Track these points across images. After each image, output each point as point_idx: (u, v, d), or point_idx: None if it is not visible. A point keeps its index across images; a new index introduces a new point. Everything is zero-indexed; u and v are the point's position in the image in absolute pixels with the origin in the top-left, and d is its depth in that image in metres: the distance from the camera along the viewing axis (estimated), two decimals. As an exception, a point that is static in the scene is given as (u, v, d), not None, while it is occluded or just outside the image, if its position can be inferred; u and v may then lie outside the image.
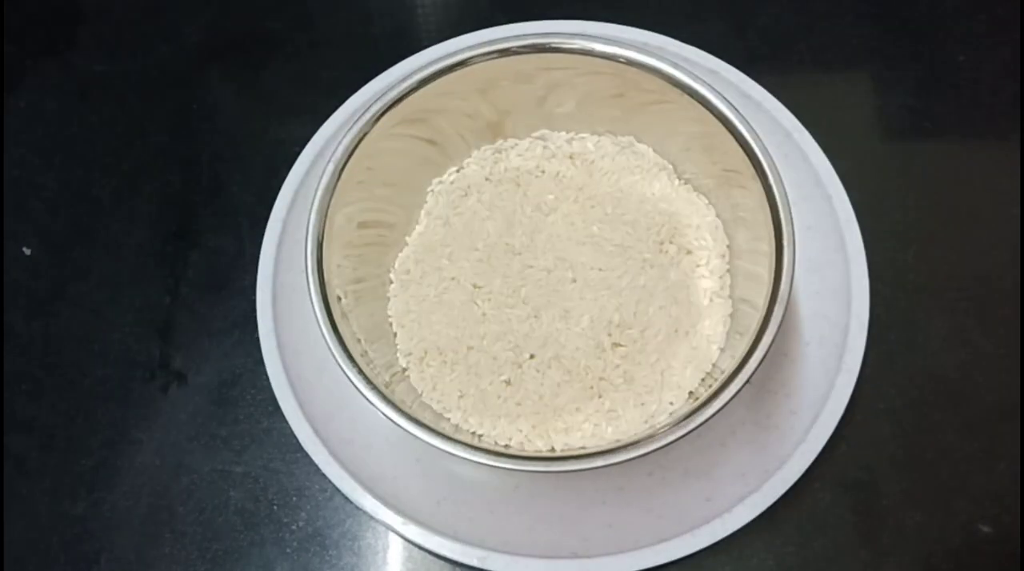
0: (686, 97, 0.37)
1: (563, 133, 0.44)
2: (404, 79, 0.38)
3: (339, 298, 0.36)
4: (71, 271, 0.47)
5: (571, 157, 0.43)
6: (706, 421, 0.32)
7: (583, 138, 0.43)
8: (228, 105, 0.51)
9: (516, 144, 0.44)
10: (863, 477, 0.40)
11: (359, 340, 0.36)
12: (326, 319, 0.34)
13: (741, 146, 0.36)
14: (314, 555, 0.41)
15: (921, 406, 0.41)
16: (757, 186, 0.36)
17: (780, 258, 0.34)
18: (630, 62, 0.37)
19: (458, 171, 0.44)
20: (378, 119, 0.37)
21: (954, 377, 0.42)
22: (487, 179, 0.43)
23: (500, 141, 0.44)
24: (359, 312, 0.38)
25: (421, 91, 0.38)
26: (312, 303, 0.35)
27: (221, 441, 0.43)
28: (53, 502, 0.42)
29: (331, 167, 0.36)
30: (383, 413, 0.33)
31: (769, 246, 0.35)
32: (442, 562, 0.40)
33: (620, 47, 0.37)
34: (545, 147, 0.43)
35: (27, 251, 0.48)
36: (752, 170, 0.36)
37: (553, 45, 0.38)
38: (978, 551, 0.38)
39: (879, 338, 0.42)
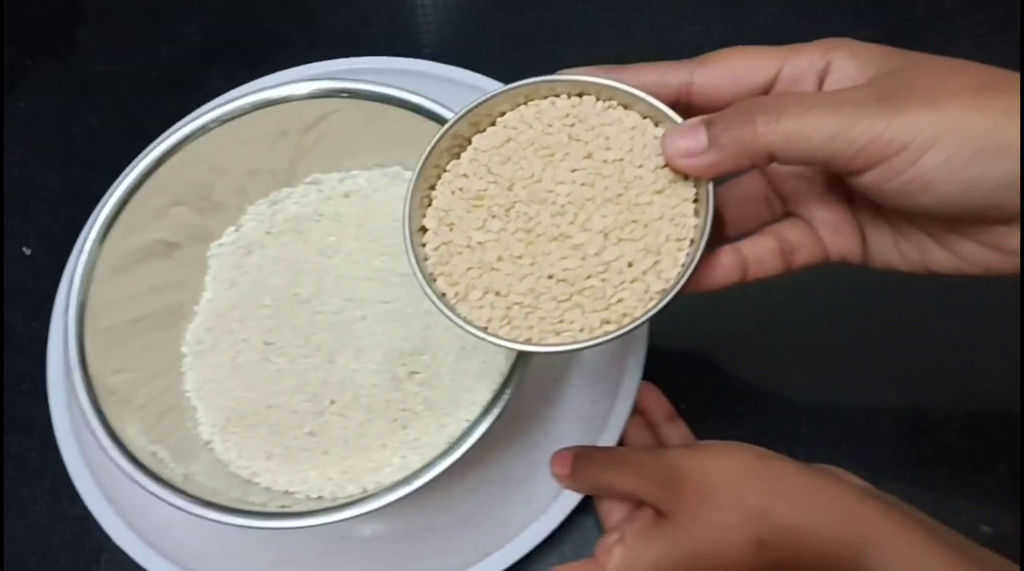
0: (420, 117, 0.37)
1: (335, 174, 0.43)
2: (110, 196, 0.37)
3: (114, 393, 0.35)
4: (71, 271, 0.47)
5: (346, 195, 0.42)
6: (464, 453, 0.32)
7: (354, 175, 0.42)
8: (228, 105, 0.51)
9: (290, 193, 0.42)
10: (862, 477, 0.40)
11: (155, 425, 0.35)
12: (104, 432, 0.33)
13: None
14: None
15: (921, 406, 0.41)
16: None
17: None
18: (339, 93, 0.38)
19: (236, 230, 0.42)
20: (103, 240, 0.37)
21: (954, 377, 0.42)
22: (268, 233, 0.42)
23: (274, 193, 0.42)
24: (148, 397, 0.37)
25: (137, 198, 0.38)
26: (87, 417, 0.34)
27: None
28: (53, 502, 0.42)
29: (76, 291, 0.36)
30: (182, 509, 0.32)
31: None
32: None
33: (331, 81, 0.38)
34: (320, 190, 0.42)
35: (27, 251, 0.48)
36: None
37: (268, 99, 0.38)
38: (978, 551, 0.38)
39: (879, 338, 0.42)
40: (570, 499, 0.38)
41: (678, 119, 0.27)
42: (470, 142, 0.30)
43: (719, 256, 0.28)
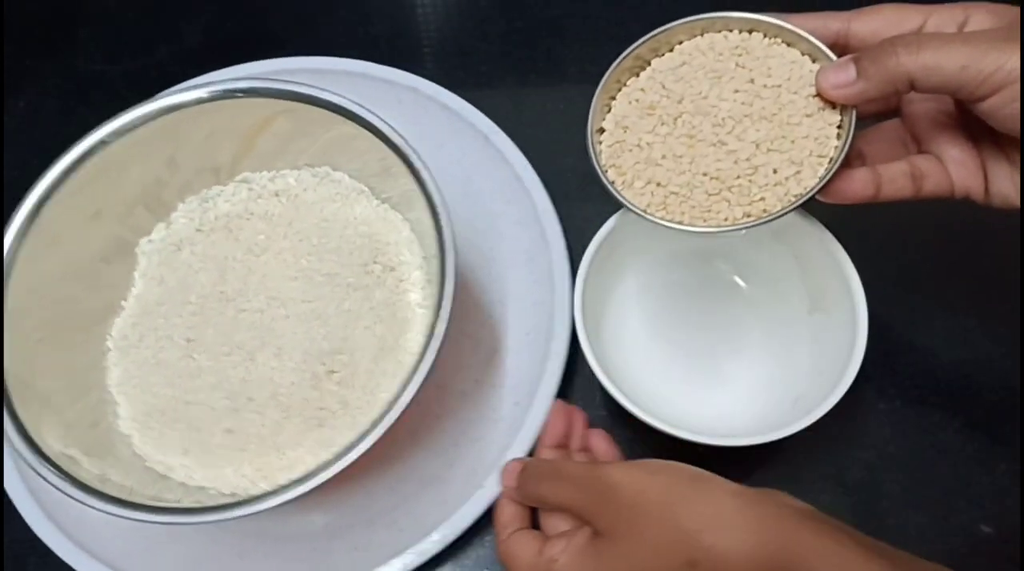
0: (342, 118, 0.37)
1: (265, 173, 0.43)
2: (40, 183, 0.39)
3: (33, 389, 0.35)
4: (71, 271, 0.47)
5: (276, 194, 0.42)
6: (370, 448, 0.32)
7: (284, 174, 0.43)
8: (228, 105, 0.51)
9: (221, 191, 0.43)
10: (863, 477, 0.40)
11: (75, 421, 0.35)
12: (13, 428, 0.33)
13: (390, 147, 0.37)
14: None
15: (921, 406, 0.41)
16: (414, 184, 0.36)
17: (443, 261, 0.34)
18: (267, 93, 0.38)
19: (167, 227, 0.42)
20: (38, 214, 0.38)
21: (954, 377, 0.42)
22: (198, 230, 0.42)
23: (204, 190, 0.43)
24: (71, 393, 0.37)
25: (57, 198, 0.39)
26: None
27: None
28: (53, 502, 0.42)
29: None
30: (92, 507, 0.32)
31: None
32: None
33: (253, 82, 0.38)
34: (250, 189, 0.43)
35: (27, 251, 0.48)
36: (405, 169, 0.36)
37: (180, 103, 0.38)
38: (978, 551, 0.38)
39: (880, 338, 0.41)
40: (481, 500, 0.38)
41: (833, 57, 0.32)
42: (649, 64, 0.36)
43: (856, 171, 0.33)
